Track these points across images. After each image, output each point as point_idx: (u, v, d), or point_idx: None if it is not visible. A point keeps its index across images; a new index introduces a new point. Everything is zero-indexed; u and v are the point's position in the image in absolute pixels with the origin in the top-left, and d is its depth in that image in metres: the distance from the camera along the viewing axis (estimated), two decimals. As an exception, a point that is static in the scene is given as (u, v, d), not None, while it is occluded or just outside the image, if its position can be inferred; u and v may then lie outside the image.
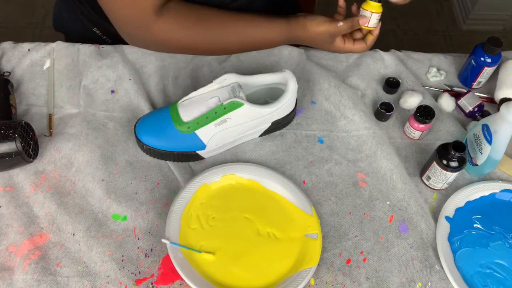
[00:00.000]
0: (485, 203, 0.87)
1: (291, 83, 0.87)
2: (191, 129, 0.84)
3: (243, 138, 0.90)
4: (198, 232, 0.80)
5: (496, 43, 0.95)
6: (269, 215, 0.83)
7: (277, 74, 0.89)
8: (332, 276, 0.79)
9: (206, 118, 0.84)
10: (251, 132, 0.90)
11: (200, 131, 0.84)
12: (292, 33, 0.97)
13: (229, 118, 0.84)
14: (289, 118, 0.92)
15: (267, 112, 0.87)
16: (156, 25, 0.90)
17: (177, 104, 0.86)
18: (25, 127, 0.82)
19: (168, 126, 0.85)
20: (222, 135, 0.86)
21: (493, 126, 0.82)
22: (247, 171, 0.87)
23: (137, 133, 0.87)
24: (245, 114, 0.85)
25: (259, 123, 0.88)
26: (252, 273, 0.78)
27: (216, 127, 0.84)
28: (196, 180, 0.84)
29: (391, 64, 1.03)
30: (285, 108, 0.89)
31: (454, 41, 2.16)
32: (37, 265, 0.76)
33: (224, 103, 0.83)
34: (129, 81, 0.95)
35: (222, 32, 0.94)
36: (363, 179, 0.89)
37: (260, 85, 0.90)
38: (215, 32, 0.94)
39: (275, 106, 0.87)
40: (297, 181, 0.88)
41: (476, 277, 0.80)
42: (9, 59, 0.98)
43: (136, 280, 0.77)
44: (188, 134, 0.85)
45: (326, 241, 0.82)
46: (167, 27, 0.91)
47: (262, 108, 0.86)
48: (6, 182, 0.84)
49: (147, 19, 0.89)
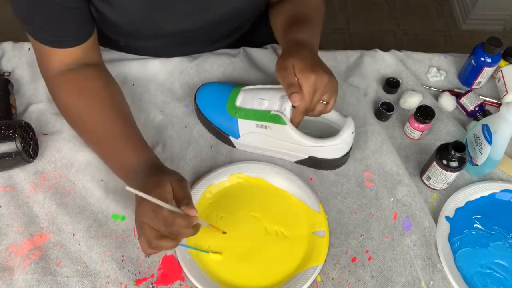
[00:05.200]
0: (485, 203, 0.87)
1: (344, 131, 0.82)
2: (236, 115, 0.86)
3: (277, 153, 0.88)
4: (206, 232, 0.80)
5: (496, 43, 0.95)
6: (276, 213, 0.83)
7: (339, 115, 0.85)
8: (338, 273, 0.79)
9: (252, 114, 0.84)
10: (287, 153, 0.88)
11: (242, 122, 0.85)
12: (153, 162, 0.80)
13: (270, 127, 0.84)
14: (331, 164, 0.87)
15: (304, 143, 0.84)
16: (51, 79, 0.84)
17: (241, 88, 0.87)
18: (25, 127, 0.82)
19: (222, 102, 0.87)
20: (258, 137, 0.86)
21: (493, 126, 0.82)
22: (254, 169, 0.87)
23: (198, 92, 0.91)
24: (284, 133, 0.83)
25: (297, 149, 0.86)
26: (259, 272, 0.78)
27: (256, 127, 0.85)
28: (204, 180, 0.85)
29: (391, 64, 1.03)
30: (328, 151, 0.85)
31: (454, 41, 2.16)
32: (37, 265, 0.76)
33: (271, 112, 0.82)
34: (132, 86, 0.96)
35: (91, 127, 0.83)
36: (369, 178, 0.89)
37: (320, 119, 0.87)
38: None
39: (315, 142, 0.83)
40: (305, 178, 0.88)
41: (476, 277, 0.80)
42: (9, 59, 0.98)
43: (136, 280, 0.77)
44: (232, 117, 0.86)
45: (332, 237, 0.82)
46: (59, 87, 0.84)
47: (302, 137, 0.83)
48: (6, 182, 0.84)
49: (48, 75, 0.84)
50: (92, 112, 0.81)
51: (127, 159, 0.78)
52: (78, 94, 0.82)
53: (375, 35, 2.16)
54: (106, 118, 0.81)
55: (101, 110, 0.81)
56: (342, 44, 2.11)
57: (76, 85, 0.82)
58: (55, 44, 0.80)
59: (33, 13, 0.77)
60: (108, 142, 0.80)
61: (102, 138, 0.81)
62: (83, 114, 0.82)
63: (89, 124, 0.82)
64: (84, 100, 0.82)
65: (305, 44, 0.84)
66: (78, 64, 0.83)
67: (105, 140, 0.81)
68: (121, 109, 0.84)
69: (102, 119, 0.81)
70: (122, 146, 0.79)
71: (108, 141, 0.80)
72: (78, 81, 0.83)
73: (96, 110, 0.81)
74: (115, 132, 0.80)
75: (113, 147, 0.80)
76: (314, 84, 0.77)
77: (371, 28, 2.19)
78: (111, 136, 0.80)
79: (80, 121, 0.83)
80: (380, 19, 2.23)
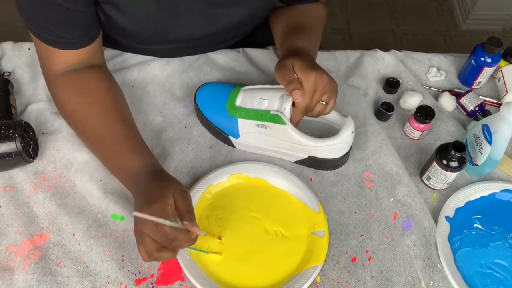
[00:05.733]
0: (485, 203, 0.87)
1: (344, 131, 0.82)
2: (236, 114, 0.86)
3: (277, 153, 0.88)
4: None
5: (496, 43, 0.95)
6: (276, 213, 0.83)
7: (338, 115, 0.85)
8: (338, 273, 0.79)
9: (252, 114, 0.84)
10: (287, 153, 0.87)
11: (242, 121, 0.85)
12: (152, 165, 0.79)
13: (269, 127, 0.83)
14: (331, 164, 0.87)
15: (304, 143, 0.83)
16: (53, 82, 0.84)
17: (241, 88, 0.87)
18: (25, 127, 0.82)
19: (222, 102, 0.88)
20: (258, 137, 0.86)
21: (493, 126, 0.82)
22: (254, 169, 0.87)
23: (198, 92, 0.91)
24: (284, 133, 0.83)
25: (297, 149, 0.85)
26: (258, 272, 0.78)
27: (256, 127, 0.85)
28: (204, 180, 0.85)
29: (391, 64, 1.03)
30: (327, 150, 0.84)
31: (454, 41, 2.16)
32: (37, 265, 0.76)
33: (271, 112, 0.82)
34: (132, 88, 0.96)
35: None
36: (369, 178, 0.89)
37: (320, 119, 0.87)
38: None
39: (315, 142, 0.83)
40: (305, 178, 0.88)
41: (476, 277, 0.80)
42: (9, 59, 0.98)
43: (136, 280, 0.77)
44: (232, 117, 0.86)
45: (332, 237, 0.82)
46: (62, 89, 0.84)
47: (301, 137, 0.83)
48: (6, 182, 0.84)
49: (51, 77, 0.84)
50: (92, 113, 0.81)
51: (127, 162, 0.78)
52: (80, 95, 0.82)
53: (375, 35, 2.17)
54: (107, 120, 0.81)
55: (102, 112, 0.81)
56: (342, 44, 2.11)
57: (78, 86, 0.82)
58: (60, 46, 0.80)
59: (37, 13, 0.77)
60: (108, 144, 0.80)
61: (102, 140, 0.81)
62: (83, 115, 0.82)
63: (89, 125, 0.82)
64: (86, 101, 0.82)
65: (304, 51, 0.85)
66: (81, 65, 0.83)
67: (105, 142, 0.81)
68: (122, 111, 0.84)
69: (102, 121, 0.81)
70: (122, 149, 0.79)
71: (108, 143, 0.80)
72: (81, 82, 0.83)
73: (97, 111, 0.81)
74: (115, 134, 0.80)
75: (112, 149, 0.80)
76: (314, 82, 0.77)
77: (371, 28, 2.19)
78: (111, 138, 0.80)
79: (79, 122, 0.83)
80: (380, 19, 2.23)
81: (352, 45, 2.10)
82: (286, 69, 0.78)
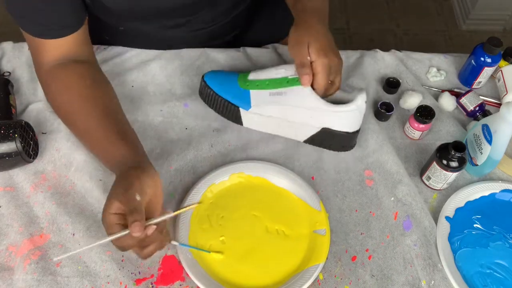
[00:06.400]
0: (485, 203, 0.87)
1: (358, 99, 0.83)
2: (249, 87, 0.87)
3: (288, 129, 0.89)
4: (208, 232, 0.80)
5: (496, 43, 0.95)
6: (277, 211, 0.83)
7: (347, 91, 0.87)
8: (340, 270, 0.79)
9: (267, 83, 0.86)
10: (298, 127, 0.87)
11: (254, 92, 0.87)
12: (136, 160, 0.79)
13: (285, 92, 0.85)
14: (342, 140, 0.87)
15: (320, 107, 0.83)
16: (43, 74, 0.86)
17: (251, 71, 0.89)
18: (25, 127, 0.82)
19: (232, 79, 0.90)
20: (270, 107, 0.87)
21: (493, 126, 0.82)
22: (255, 168, 0.87)
23: (205, 74, 0.92)
24: (301, 97, 0.83)
25: (311, 118, 0.86)
26: (260, 271, 0.78)
27: (270, 96, 0.86)
28: (205, 180, 0.85)
29: (391, 64, 1.03)
30: (342, 119, 0.85)
31: (454, 41, 2.16)
32: (37, 265, 0.76)
33: (289, 77, 0.84)
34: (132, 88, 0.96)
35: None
36: (370, 176, 0.89)
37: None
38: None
39: (331, 107, 0.83)
40: (306, 177, 0.88)
41: (476, 277, 0.80)
42: (9, 59, 0.98)
43: (136, 280, 0.77)
44: (243, 90, 0.88)
45: (334, 235, 0.82)
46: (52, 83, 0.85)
47: (319, 101, 0.83)
48: (6, 182, 0.84)
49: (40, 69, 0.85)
50: (75, 108, 0.82)
51: (108, 155, 0.78)
52: (64, 89, 0.83)
53: (375, 35, 2.17)
54: (91, 115, 0.80)
55: (86, 107, 0.81)
56: (342, 44, 2.11)
57: (63, 80, 0.83)
58: (47, 34, 0.81)
59: (22, 3, 0.77)
60: (95, 139, 0.80)
61: (88, 135, 0.81)
62: (68, 110, 0.83)
63: (76, 120, 0.83)
64: (69, 97, 0.82)
65: (315, 11, 0.87)
66: (67, 59, 0.83)
67: (91, 137, 0.81)
68: (107, 107, 0.83)
69: (85, 116, 0.81)
70: (104, 144, 0.79)
71: (94, 139, 0.80)
72: (65, 77, 0.83)
73: (79, 106, 0.82)
74: (98, 130, 0.79)
75: (96, 145, 0.81)
76: (328, 69, 0.80)
77: (371, 28, 2.19)
78: (94, 134, 0.80)
79: (66, 116, 0.84)
80: (380, 19, 2.23)
81: (352, 45, 2.10)
82: (301, 48, 0.81)
